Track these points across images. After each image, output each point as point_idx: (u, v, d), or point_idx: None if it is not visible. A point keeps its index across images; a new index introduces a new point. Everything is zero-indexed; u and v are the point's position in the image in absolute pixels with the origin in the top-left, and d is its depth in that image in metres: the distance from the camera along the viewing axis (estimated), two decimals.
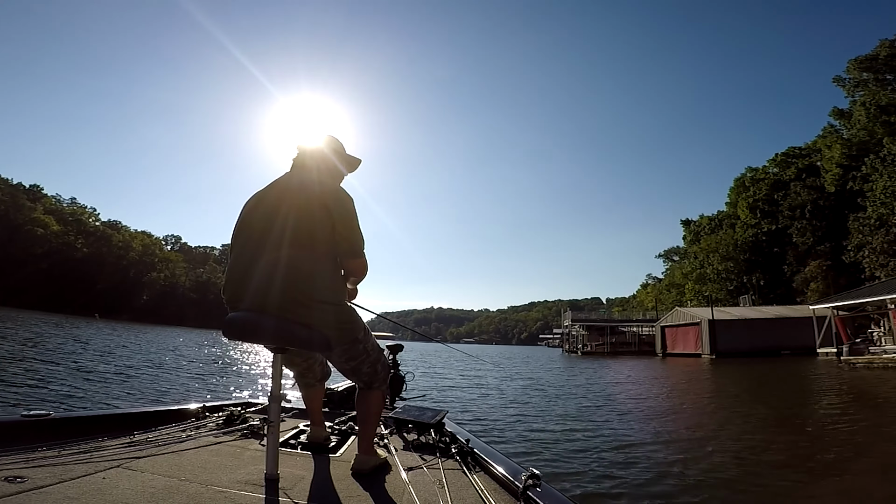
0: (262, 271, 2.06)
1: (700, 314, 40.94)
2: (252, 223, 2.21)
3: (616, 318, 72.42)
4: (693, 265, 71.11)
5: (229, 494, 1.81)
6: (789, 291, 54.94)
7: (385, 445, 2.69)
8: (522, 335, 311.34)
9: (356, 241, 2.20)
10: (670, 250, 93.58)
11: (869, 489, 5.23)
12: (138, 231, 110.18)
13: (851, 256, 46.46)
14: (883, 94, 48.30)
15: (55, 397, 8.45)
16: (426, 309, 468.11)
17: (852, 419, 9.36)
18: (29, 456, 1.93)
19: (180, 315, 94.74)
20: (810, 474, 5.74)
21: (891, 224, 42.33)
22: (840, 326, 27.78)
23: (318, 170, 2.33)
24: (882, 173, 44.18)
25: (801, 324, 34.12)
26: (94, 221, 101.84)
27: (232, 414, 3.09)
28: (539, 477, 1.91)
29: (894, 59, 48.37)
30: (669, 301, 72.51)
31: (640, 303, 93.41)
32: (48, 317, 49.47)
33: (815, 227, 53.20)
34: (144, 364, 15.28)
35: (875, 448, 7.05)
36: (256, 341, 2.13)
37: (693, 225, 79.17)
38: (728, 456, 6.57)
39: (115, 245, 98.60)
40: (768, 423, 9.19)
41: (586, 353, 55.01)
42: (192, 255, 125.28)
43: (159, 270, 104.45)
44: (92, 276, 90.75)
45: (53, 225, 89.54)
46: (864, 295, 28.09)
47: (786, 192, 58.53)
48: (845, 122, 53.68)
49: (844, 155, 50.18)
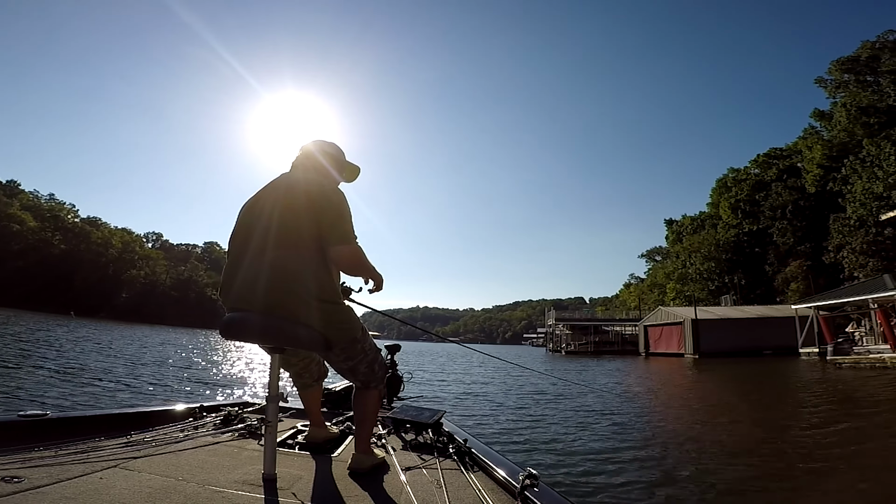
0: (255, 272, 2.07)
1: (683, 314, 41.22)
2: (245, 225, 2.23)
3: (599, 317, 72.89)
4: (675, 265, 71.86)
5: (227, 494, 1.81)
6: (770, 291, 55.70)
7: (383, 445, 2.68)
8: (507, 334, 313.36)
9: (343, 228, 2.16)
10: (653, 250, 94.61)
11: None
12: (118, 228, 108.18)
13: (831, 257, 47.16)
14: (863, 96, 49.22)
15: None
16: (412, 308, 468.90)
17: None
18: (26, 456, 1.94)
19: (160, 314, 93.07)
20: (822, 477, 5.67)
21: (870, 225, 42.98)
22: (824, 326, 28.06)
23: (305, 168, 2.37)
24: (861, 174, 44.90)
25: (783, 324, 34.47)
26: (72, 218, 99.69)
27: (229, 414, 3.11)
28: (537, 477, 1.92)
29: (875, 60, 49.32)
30: (652, 301, 73.27)
31: (623, 302, 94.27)
32: (21, 315, 48.31)
33: (795, 228, 53.98)
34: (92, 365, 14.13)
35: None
36: (253, 341, 2.13)
37: (676, 225, 79.88)
38: (727, 457, 6.53)
39: (94, 242, 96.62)
40: (772, 427, 9.09)
41: (570, 353, 55.21)
42: (174, 252, 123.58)
43: (139, 268, 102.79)
44: (70, 274, 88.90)
45: (30, 221, 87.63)
46: (845, 295, 28.40)
47: (767, 193, 59.38)
48: (826, 124, 54.62)
49: (825, 156, 51.00)
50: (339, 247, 2.14)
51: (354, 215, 2.23)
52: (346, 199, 2.25)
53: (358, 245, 2.21)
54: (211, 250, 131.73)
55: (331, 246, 2.14)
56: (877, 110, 46.87)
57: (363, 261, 2.26)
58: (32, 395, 8.46)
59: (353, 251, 2.19)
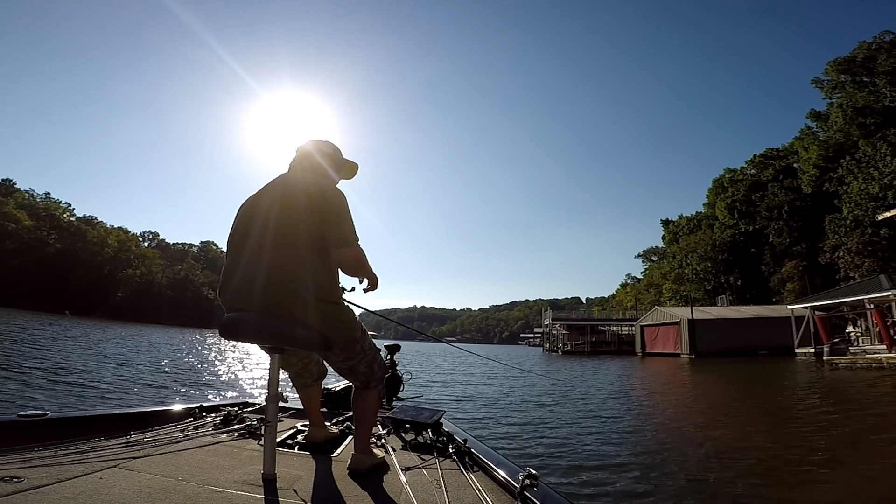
0: (253, 272, 2.08)
1: (680, 314, 41.27)
2: (243, 225, 2.24)
3: (596, 317, 72.98)
4: (672, 265, 71.98)
5: (226, 494, 1.81)
6: (766, 291, 55.87)
7: (383, 445, 2.68)
8: (504, 334, 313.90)
9: (344, 228, 2.17)
10: (649, 250, 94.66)
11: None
12: (114, 227, 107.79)
13: (827, 257, 47.33)
14: (860, 96, 49.40)
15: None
16: (409, 308, 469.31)
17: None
18: (25, 456, 1.93)
19: (156, 313, 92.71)
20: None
21: (866, 225, 43.13)
22: (821, 327, 28.08)
23: (304, 169, 2.37)
24: (857, 175, 45.11)
25: (779, 324, 34.51)
26: (68, 217, 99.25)
27: (229, 414, 3.11)
28: (536, 477, 1.91)
29: (872, 61, 49.50)
30: (648, 301, 73.36)
31: (620, 302, 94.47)
32: (16, 315, 48.05)
33: (791, 228, 54.12)
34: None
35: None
36: (251, 341, 2.14)
37: (672, 225, 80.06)
38: (725, 457, 6.52)
39: (90, 241, 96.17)
40: (770, 428, 9.05)
41: (566, 353, 55.29)
42: (170, 251, 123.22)
43: (135, 267, 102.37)
44: (65, 273, 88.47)
45: (26, 220, 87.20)
46: (841, 295, 28.47)
47: (763, 193, 59.58)
48: (822, 124, 54.86)
49: (821, 157, 51.20)
50: (342, 249, 2.17)
51: (353, 215, 2.24)
52: (346, 198, 2.25)
53: (359, 247, 2.23)
54: (207, 249, 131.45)
55: (333, 248, 2.16)
56: (873, 111, 47.05)
57: (364, 263, 2.27)
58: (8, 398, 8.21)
59: (355, 254, 2.20)
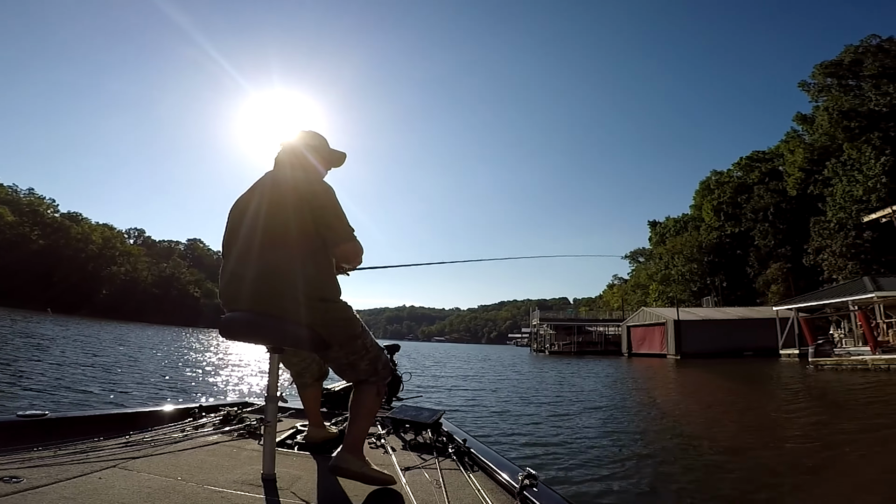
0: (243, 272, 2.08)
1: (666, 314, 41.64)
2: (235, 227, 2.22)
3: (583, 317, 73.27)
4: (658, 266, 72.51)
5: (226, 494, 1.81)
6: (751, 293, 56.43)
7: (382, 445, 2.71)
8: (492, 334, 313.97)
9: (340, 225, 2.18)
10: (636, 251, 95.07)
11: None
12: (99, 223, 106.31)
13: (811, 259, 47.95)
14: (845, 100, 49.96)
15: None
16: (398, 307, 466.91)
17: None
18: (25, 456, 1.94)
19: (141, 311, 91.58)
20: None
21: (849, 228, 43.73)
22: (805, 328, 28.35)
23: (292, 166, 2.32)
24: (842, 178, 45.78)
25: (764, 325, 34.96)
26: (51, 213, 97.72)
27: (229, 414, 3.12)
28: (536, 477, 1.92)
29: (858, 64, 50.11)
30: (634, 301, 73.83)
31: (607, 303, 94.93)
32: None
33: (776, 230, 54.80)
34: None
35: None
36: (248, 340, 2.13)
37: (659, 226, 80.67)
38: (724, 458, 6.59)
39: (74, 237, 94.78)
40: (760, 429, 9.14)
41: (553, 353, 55.59)
42: (156, 249, 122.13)
43: (120, 264, 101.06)
44: (49, 270, 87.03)
45: (8, 215, 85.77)
46: (825, 297, 28.82)
47: (749, 196, 60.25)
48: (808, 127, 55.54)
49: (806, 159, 51.89)
50: (344, 245, 2.19)
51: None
52: (334, 191, 2.25)
53: (357, 239, 2.24)
54: (194, 247, 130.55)
55: (335, 246, 2.18)
56: (858, 114, 47.60)
57: (361, 254, 2.30)
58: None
59: (356, 248, 2.24)
